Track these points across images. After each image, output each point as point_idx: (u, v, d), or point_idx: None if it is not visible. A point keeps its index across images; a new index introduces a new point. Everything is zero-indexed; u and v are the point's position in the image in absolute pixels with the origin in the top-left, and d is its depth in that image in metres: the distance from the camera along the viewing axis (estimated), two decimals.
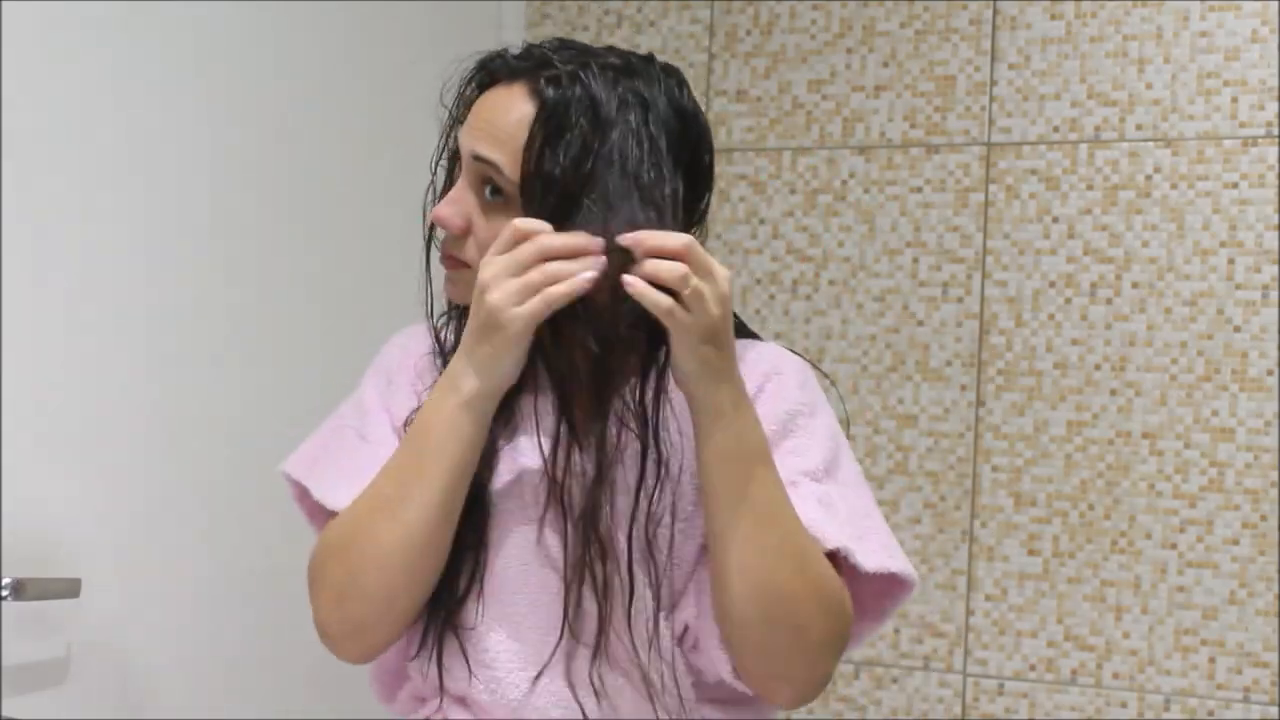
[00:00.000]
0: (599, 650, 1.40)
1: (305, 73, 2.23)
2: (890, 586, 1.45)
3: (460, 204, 1.41)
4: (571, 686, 1.41)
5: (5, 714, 1.77)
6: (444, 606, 1.43)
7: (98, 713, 1.90)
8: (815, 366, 1.52)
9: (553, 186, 1.35)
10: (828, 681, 1.41)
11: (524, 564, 1.43)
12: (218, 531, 2.09)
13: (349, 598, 1.39)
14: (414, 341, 1.53)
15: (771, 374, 1.47)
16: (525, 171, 1.36)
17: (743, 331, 1.52)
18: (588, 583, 1.40)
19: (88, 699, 1.89)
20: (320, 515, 1.50)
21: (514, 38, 2.64)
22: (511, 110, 1.38)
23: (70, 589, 1.83)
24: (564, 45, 1.41)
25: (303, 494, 1.51)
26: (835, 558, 1.40)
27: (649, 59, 1.43)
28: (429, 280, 1.49)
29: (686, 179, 1.40)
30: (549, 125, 1.36)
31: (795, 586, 1.35)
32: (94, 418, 1.91)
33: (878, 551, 1.42)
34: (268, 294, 2.17)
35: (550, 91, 1.37)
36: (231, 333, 2.11)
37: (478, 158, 1.39)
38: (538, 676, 1.42)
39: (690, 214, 1.44)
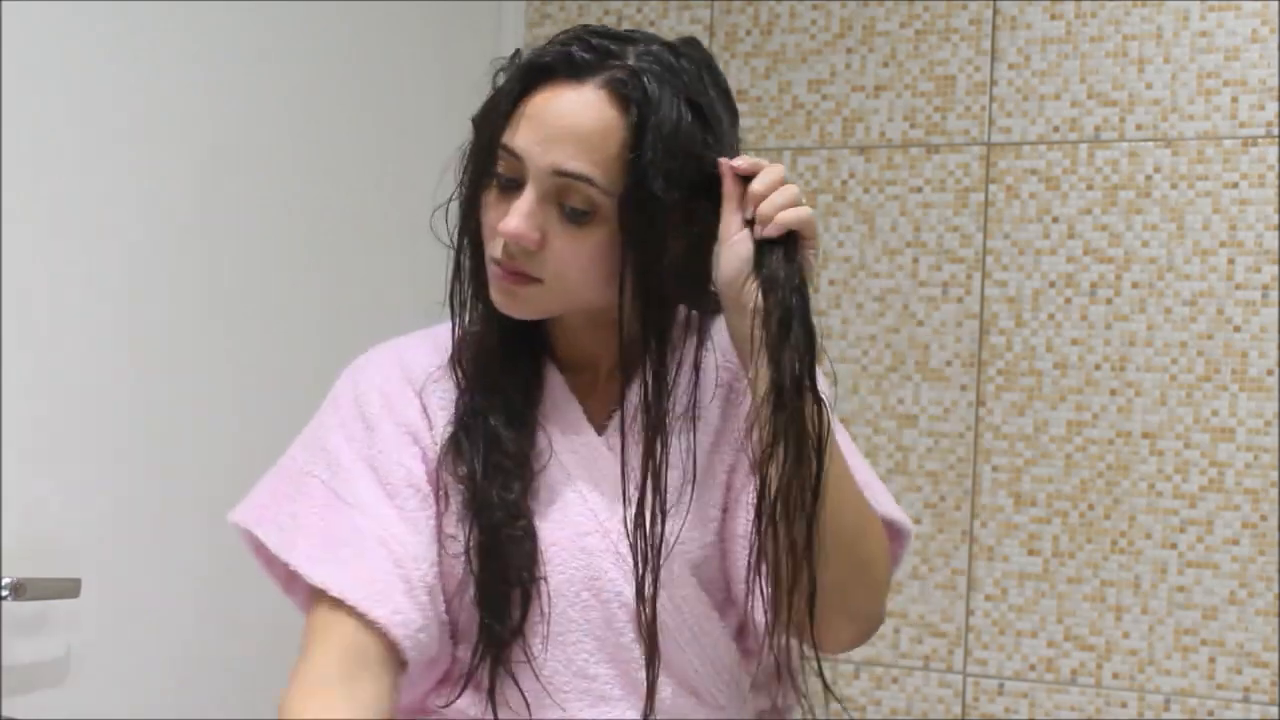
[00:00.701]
0: (665, 673, 1.37)
1: (305, 73, 2.23)
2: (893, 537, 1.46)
3: (534, 217, 1.30)
4: (639, 712, 1.36)
5: (5, 714, 1.77)
6: (496, 644, 1.35)
7: (98, 713, 1.90)
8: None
9: (658, 198, 1.30)
10: (881, 623, 1.43)
11: (580, 599, 1.37)
12: (218, 532, 2.08)
13: None
14: (392, 371, 1.42)
15: None
16: (623, 182, 1.29)
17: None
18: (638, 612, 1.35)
19: (88, 699, 1.89)
20: (287, 572, 1.39)
21: (514, 38, 2.63)
22: (588, 113, 1.30)
23: (70, 589, 1.83)
24: (603, 33, 1.33)
25: (260, 545, 1.40)
26: None
27: (690, 42, 1.38)
28: (452, 295, 1.39)
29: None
30: (644, 133, 1.29)
31: (865, 525, 1.36)
32: (94, 418, 1.91)
33: (884, 500, 1.45)
34: (269, 295, 2.17)
35: (632, 91, 1.29)
36: (232, 334, 2.11)
37: (561, 173, 1.29)
38: (601, 703, 1.37)
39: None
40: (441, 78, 2.46)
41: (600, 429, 1.40)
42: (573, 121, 1.29)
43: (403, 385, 1.40)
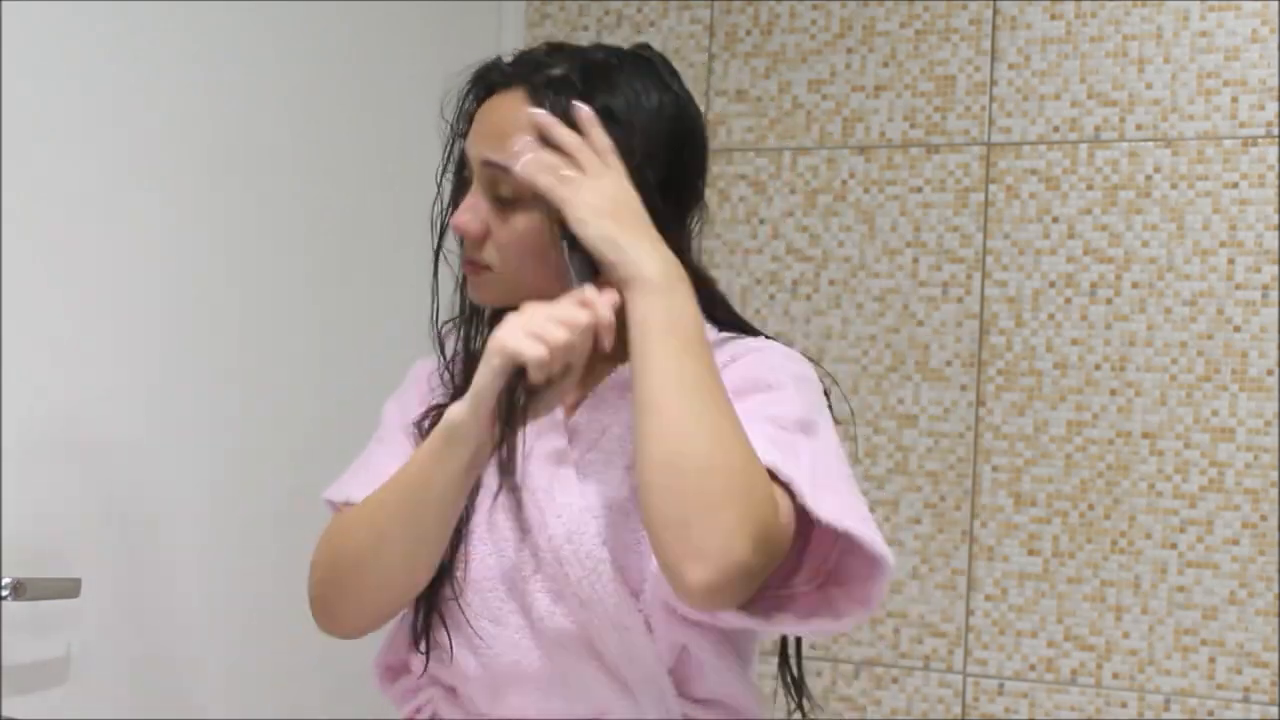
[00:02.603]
0: (579, 639, 1.44)
1: (305, 73, 2.23)
2: (872, 569, 1.37)
3: (476, 210, 1.45)
4: (549, 676, 1.45)
5: (5, 714, 1.77)
6: (431, 584, 1.47)
7: (98, 713, 1.90)
8: (818, 365, 1.52)
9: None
10: (745, 574, 1.30)
11: (489, 550, 1.48)
12: (218, 531, 2.09)
13: (334, 601, 1.50)
14: (432, 364, 1.58)
15: (753, 349, 1.47)
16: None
17: (748, 332, 1.54)
18: (546, 571, 1.45)
19: (88, 699, 1.89)
20: None
21: (514, 38, 2.64)
22: (511, 114, 1.43)
23: (70, 589, 1.83)
24: (553, 49, 1.47)
25: None
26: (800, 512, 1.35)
27: (636, 53, 1.48)
28: (436, 287, 1.52)
29: (680, 164, 1.46)
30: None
31: (710, 460, 1.30)
32: (94, 418, 1.91)
33: (837, 509, 1.36)
34: (268, 295, 2.17)
35: (544, 93, 1.42)
36: (232, 334, 2.11)
37: (487, 163, 1.43)
38: (518, 661, 1.45)
39: (688, 198, 1.49)
40: (441, 79, 2.45)
41: (570, 410, 1.51)
42: (496, 119, 1.44)
43: (432, 364, 1.57)
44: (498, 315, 1.52)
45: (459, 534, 1.46)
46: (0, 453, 1.77)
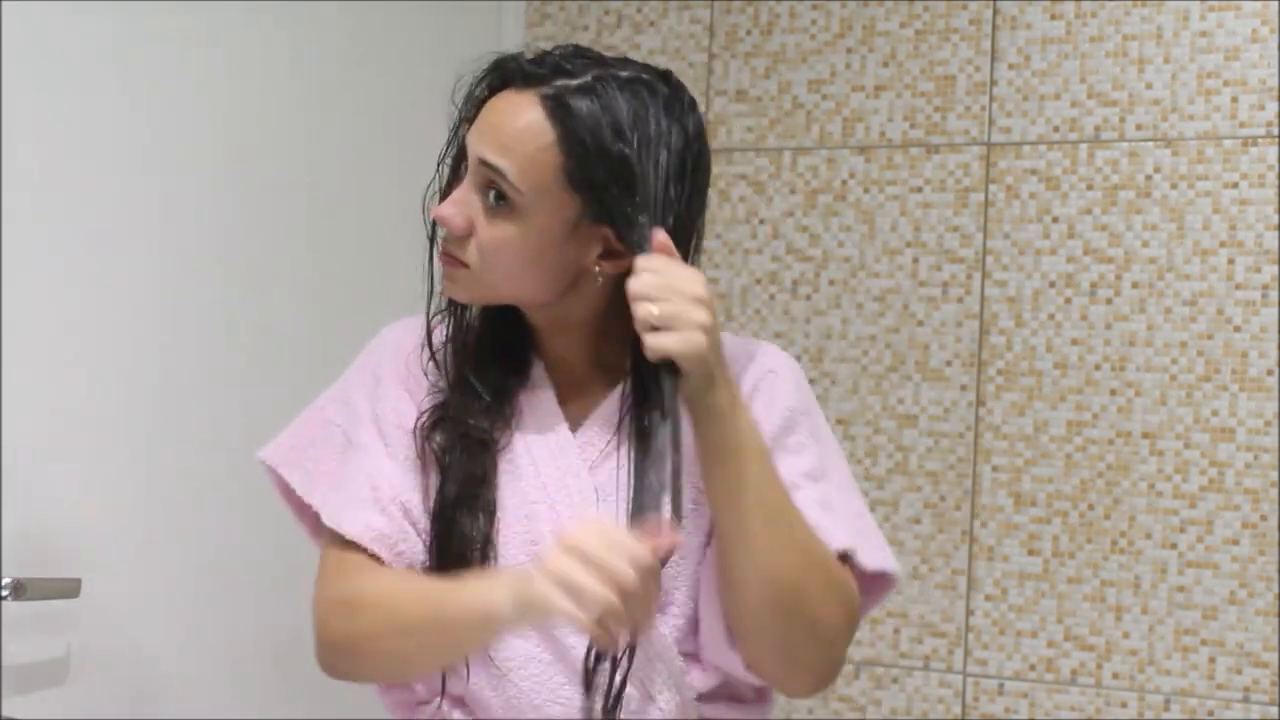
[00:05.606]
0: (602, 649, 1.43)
1: (306, 73, 2.23)
2: (876, 584, 1.49)
3: (463, 205, 1.42)
4: (572, 684, 1.43)
5: (5, 714, 1.78)
6: None
7: (98, 713, 1.90)
8: (817, 364, 1.55)
9: (577, 191, 1.39)
10: (841, 667, 1.46)
11: (516, 562, 1.45)
12: (218, 532, 2.09)
13: (363, 668, 1.49)
14: (407, 336, 1.54)
15: (766, 373, 1.50)
16: (542, 183, 1.39)
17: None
18: None
19: (88, 699, 1.89)
20: (309, 513, 1.52)
21: (514, 38, 2.63)
22: (520, 117, 1.40)
23: (70, 589, 1.83)
24: (578, 54, 1.43)
25: (285, 484, 1.54)
26: (841, 558, 1.43)
27: (660, 75, 1.44)
28: (431, 277, 1.50)
29: (687, 193, 1.43)
30: (568, 139, 1.38)
31: (806, 579, 1.38)
32: (94, 418, 1.91)
33: (875, 551, 1.48)
34: (269, 294, 2.17)
35: (565, 104, 1.38)
36: (232, 333, 2.11)
37: (484, 163, 1.40)
38: (541, 673, 1.44)
39: (694, 220, 1.46)
40: (441, 78, 2.45)
41: (575, 426, 1.49)
42: (502, 120, 1.40)
43: (413, 348, 1.52)
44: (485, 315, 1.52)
45: (485, 553, 1.44)
46: (0, 453, 1.77)
